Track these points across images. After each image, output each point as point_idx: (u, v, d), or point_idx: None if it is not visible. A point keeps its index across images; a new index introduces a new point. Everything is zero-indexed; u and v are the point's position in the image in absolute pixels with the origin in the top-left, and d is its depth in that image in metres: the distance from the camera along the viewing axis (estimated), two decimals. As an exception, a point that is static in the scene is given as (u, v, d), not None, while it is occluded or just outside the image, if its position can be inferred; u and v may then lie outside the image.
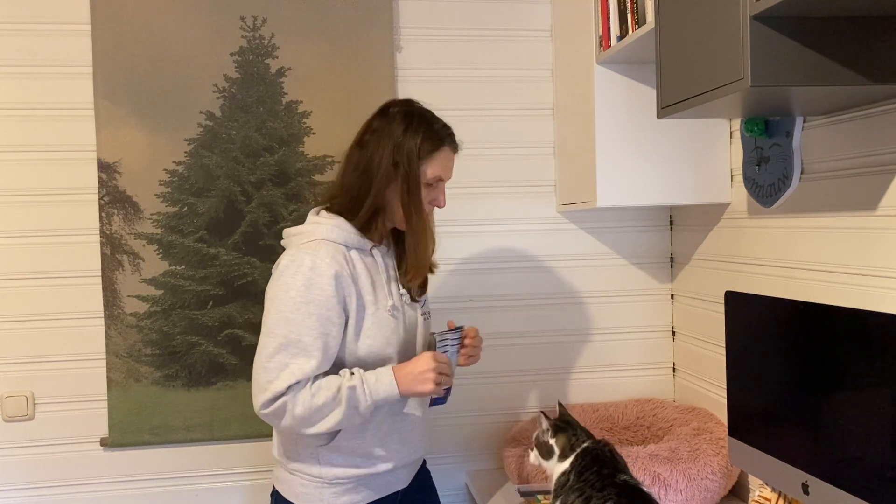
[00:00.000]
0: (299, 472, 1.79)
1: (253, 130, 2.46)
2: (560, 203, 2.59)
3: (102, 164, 2.39)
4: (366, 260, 1.76)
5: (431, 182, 1.77)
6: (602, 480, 1.66)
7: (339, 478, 1.77)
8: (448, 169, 1.80)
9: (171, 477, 2.46)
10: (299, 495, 1.79)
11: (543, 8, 2.60)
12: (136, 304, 2.41)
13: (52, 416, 2.40)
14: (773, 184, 1.96)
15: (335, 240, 1.72)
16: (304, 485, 1.78)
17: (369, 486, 1.81)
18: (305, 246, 1.70)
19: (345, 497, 1.78)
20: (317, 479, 1.77)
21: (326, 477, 1.77)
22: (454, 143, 1.81)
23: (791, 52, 1.36)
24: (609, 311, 2.66)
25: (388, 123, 1.76)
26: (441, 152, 1.77)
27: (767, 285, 2.05)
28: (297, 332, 1.64)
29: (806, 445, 1.59)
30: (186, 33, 2.41)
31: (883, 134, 1.62)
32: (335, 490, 1.78)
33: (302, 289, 1.65)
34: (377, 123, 1.78)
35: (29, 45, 2.36)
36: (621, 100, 2.23)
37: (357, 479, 1.79)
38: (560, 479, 1.75)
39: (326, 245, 1.70)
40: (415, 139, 1.73)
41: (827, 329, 1.52)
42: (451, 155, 1.80)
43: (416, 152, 1.73)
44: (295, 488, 1.80)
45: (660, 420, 2.43)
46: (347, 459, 1.77)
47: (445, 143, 1.78)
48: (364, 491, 1.80)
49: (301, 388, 1.64)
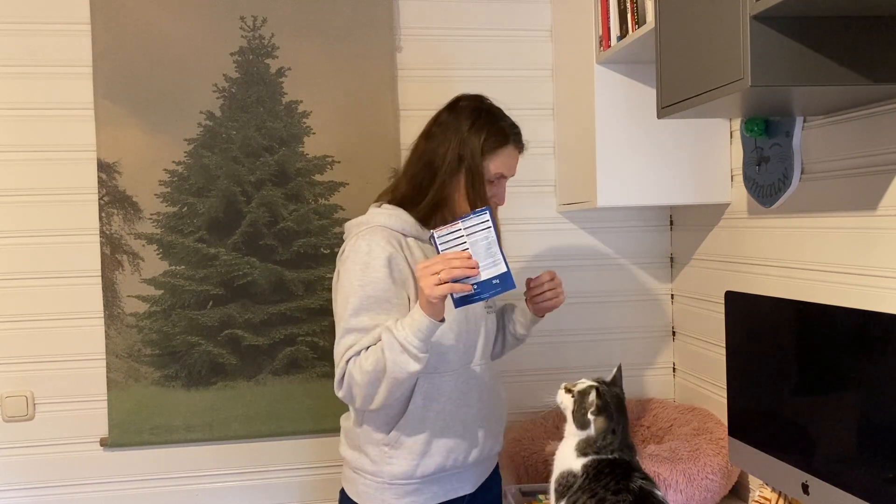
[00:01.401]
0: (361, 472, 1.77)
1: (253, 130, 2.46)
2: (560, 203, 2.59)
3: (102, 164, 2.39)
4: (424, 248, 1.76)
5: (493, 179, 1.76)
6: (617, 483, 1.57)
7: (399, 478, 1.73)
8: (511, 167, 1.79)
9: (171, 477, 2.46)
10: (361, 494, 1.77)
11: (543, 8, 2.60)
12: (136, 304, 2.41)
13: (52, 416, 2.40)
14: (773, 184, 1.96)
15: (392, 226, 1.72)
16: (365, 484, 1.76)
17: (431, 489, 1.76)
18: (363, 232, 1.72)
19: (406, 499, 1.74)
20: (377, 479, 1.74)
21: (387, 476, 1.73)
22: (520, 141, 1.80)
23: (791, 52, 1.36)
24: (609, 311, 2.66)
25: (456, 117, 1.76)
26: (505, 150, 1.76)
27: (767, 285, 2.05)
28: (357, 314, 1.65)
29: (806, 445, 1.59)
30: (186, 33, 2.41)
31: (883, 134, 1.62)
32: (396, 492, 1.74)
33: (360, 273, 1.67)
34: (445, 117, 1.78)
35: (29, 45, 2.36)
36: (621, 100, 2.23)
37: (418, 481, 1.74)
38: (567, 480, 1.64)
39: (382, 230, 1.71)
40: (480, 135, 1.73)
41: (827, 329, 1.52)
42: (515, 153, 1.79)
43: (480, 148, 1.73)
44: (357, 487, 1.78)
45: (660, 420, 2.43)
46: (408, 458, 1.72)
47: (510, 141, 1.77)
48: (426, 493, 1.75)
49: (356, 358, 1.64)
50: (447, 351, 1.73)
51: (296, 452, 2.51)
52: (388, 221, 1.73)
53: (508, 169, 1.78)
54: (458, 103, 1.80)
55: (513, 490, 2.13)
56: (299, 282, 2.47)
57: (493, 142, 1.74)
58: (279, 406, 2.47)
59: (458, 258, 1.53)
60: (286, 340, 2.48)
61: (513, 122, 1.80)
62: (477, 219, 1.57)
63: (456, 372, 1.76)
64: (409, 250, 1.73)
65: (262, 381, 2.47)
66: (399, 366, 1.57)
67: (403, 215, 1.75)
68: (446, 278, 1.52)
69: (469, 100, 1.81)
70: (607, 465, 1.60)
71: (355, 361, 1.63)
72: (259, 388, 2.46)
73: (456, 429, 1.76)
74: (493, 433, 1.84)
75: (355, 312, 1.66)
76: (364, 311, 1.65)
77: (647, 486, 1.56)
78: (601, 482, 1.58)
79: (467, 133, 1.73)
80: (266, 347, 2.47)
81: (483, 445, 1.81)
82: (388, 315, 1.65)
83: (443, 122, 1.78)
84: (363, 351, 1.63)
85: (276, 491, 2.51)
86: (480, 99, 1.81)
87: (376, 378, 1.60)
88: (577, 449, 1.63)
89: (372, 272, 1.66)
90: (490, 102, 1.81)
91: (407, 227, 1.74)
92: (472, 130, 1.73)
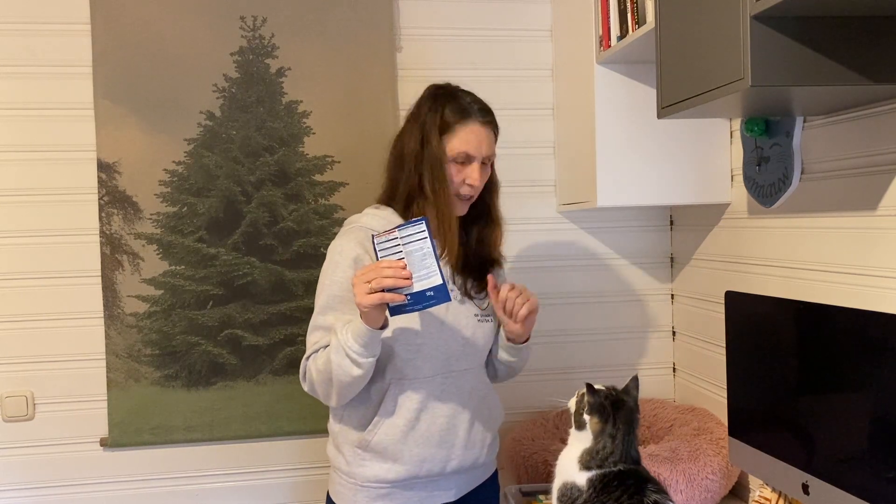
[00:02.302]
0: (339, 471, 1.76)
1: (253, 130, 2.46)
2: (560, 203, 2.59)
3: (102, 164, 2.39)
4: None
5: (459, 158, 1.67)
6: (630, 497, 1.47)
7: (371, 481, 1.71)
8: (478, 145, 1.67)
9: (171, 477, 2.46)
10: (337, 494, 1.76)
11: (543, 8, 2.60)
12: (136, 304, 2.41)
13: (52, 416, 2.40)
14: (773, 184, 1.96)
15: (372, 227, 1.72)
16: (341, 484, 1.76)
17: (404, 494, 1.72)
18: (344, 231, 1.76)
19: (378, 502, 1.71)
20: (350, 480, 1.73)
21: (359, 478, 1.72)
22: (486, 117, 1.70)
23: (791, 52, 1.36)
24: (609, 311, 2.66)
25: (418, 105, 1.75)
26: (465, 125, 1.67)
27: (767, 285, 2.05)
28: (323, 313, 1.69)
29: (806, 445, 1.59)
30: (186, 33, 2.41)
31: (883, 134, 1.62)
32: (368, 494, 1.71)
33: (330, 272, 1.70)
34: (412, 109, 1.76)
35: (29, 45, 2.36)
36: (621, 100, 2.23)
37: (391, 485, 1.71)
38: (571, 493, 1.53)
39: (359, 231, 1.72)
40: (436, 114, 1.67)
41: (827, 329, 1.52)
42: (479, 129, 1.68)
43: (438, 128, 1.66)
44: (335, 487, 1.78)
45: (660, 420, 2.43)
46: (379, 462, 1.70)
47: (471, 116, 1.68)
48: (399, 498, 1.72)
49: (315, 355, 1.67)
50: (415, 358, 1.68)
51: (296, 452, 2.51)
52: (369, 222, 1.74)
53: (473, 147, 1.67)
54: (423, 93, 1.76)
55: (513, 490, 2.13)
56: (299, 282, 2.47)
57: (450, 118, 1.67)
58: (279, 406, 2.47)
59: (391, 267, 1.49)
60: (286, 340, 2.48)
61: (476, 99, 1.72)
62: (413, 228, 1.53)
63: (429, 379, 1.70)
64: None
65: (261, 381, 2.47)
66: (343, 369, 1.58)
67: (386, 214, 1.75)
68: (377, 287, 1.48)
69: (432, 87, 1.76)
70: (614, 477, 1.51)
71: (314, 359, 1.66)
72: (259, 388, 2.46)
73: (430, 438, 1.70)
74: (477, 443, 1.76)
75: (322, 310, 1.69)
76: (330, 309, 1.68)
77: (662, 499, 1.47)
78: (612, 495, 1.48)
79: (425, 116, 1.69)
80: (266, 347, 2.47)
81: (464, 456, 1.74)
82: (352, 315, 1.62)
83: (409, 114, 1.77)
84: (321, 349, 1.65)
85: (276, 491, 2.51)
86: (444, 84, 1.76)
87: (327, 378, 1.62)
88: (581, 462, 1.54)
89: (339, 272, 1.68)
90: (454, 86, 1.75)
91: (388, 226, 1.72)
92: (429, 112, 1.69)
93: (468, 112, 1.69)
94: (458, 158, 1.68)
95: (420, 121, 1.70)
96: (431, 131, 1.67)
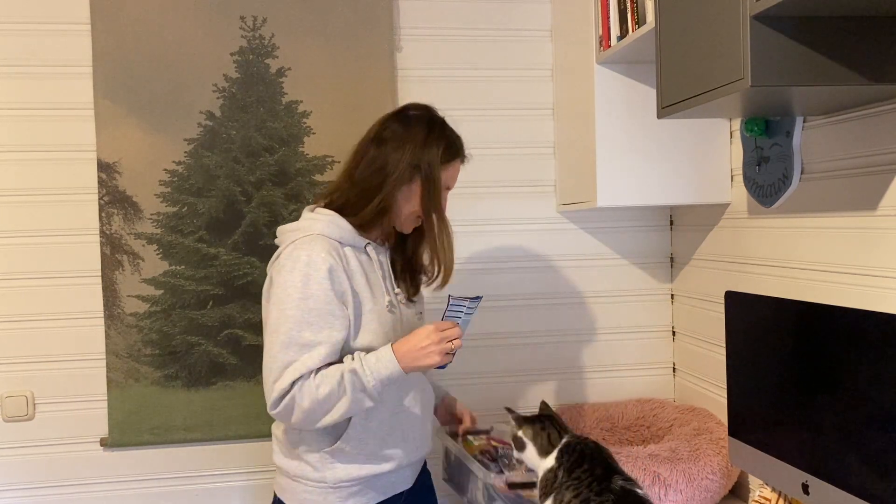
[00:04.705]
0: (302, 479, 1.77)
1: (253, 130, 2.46)
2: (560, 203, 2.59)
3: (102, 164, 2.39)
4: (360, 257, 1.76)
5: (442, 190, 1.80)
6: (599, 483, 1.61)
7: (343, 481, 1.75)
8: (455, 179, 1.85)
9: (171, 477, 2.46)
10: (304, 502, 1.78)
11: (543, 8, 2.60)
12: (136, 304, 2.41)
13: (52, 416, 2.40)
14: (773, 184, 1.96)
15: (330, 235, 1.72)
16: (308, 491, 1.77)
17: (374, 488, 1.79)
18: (301, 241, 1.69)
19: (350, 500, 1.77)
20: (321, 485, 1.75)
21: (330, 481, 1.75)
22: (464, 155, 1.85)
23: (791, 52, 1.36)
24: (609, 311, 2.66)
25: (409, 127, 1.77)
26: (456, 162, 1.81)
27: (767, 285, 2.05)
28: (299, 328, 1.64)
29: (806, 445, 1.59)
30: (186, 33, 2.41)
31: (883, 134, 1.62)
32: (340, 494, 1.76)
33: (300, 285, 1.64)
34: (397, 125, 1.78)
35: (29, 45, 2.36)
36: (621, 100, 2.23)
37: (362, 482, 1.77)
38: (547, 477, 1.69)
39: (321, 240, 1.69)
40: (439, 145, 1.76)
41: (827, 329, 1.52)
42: (459, 166, 1.84)
43: (440, 158, 1.75)
44: (299, 495, 1.78)
45: (660, 420, 2.43)
46: (351, 462, 1.75)
47: (460, 155, 1.82)
48: (369, 493, 1.79)
49: (305, 381, 1.63)
50: None
51: (296, 452, 2.51)
52: (326, 230, 1.72)
53: (453, 181, 1.83)
54: (409, 112, 1.81)
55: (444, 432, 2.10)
56: (299, 282, 2.47)
57: (448, 153, 1.78)
58: (279, 406, 2.47)
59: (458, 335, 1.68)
60: (286, 340, 2.47)
61: (458, 136, 1.83)
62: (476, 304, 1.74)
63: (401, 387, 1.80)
64: (346, 260, 1.72)
65: (261, 381, 2.46)
66: (357, 404, 1.66)
67: (341, 222, 1.74)
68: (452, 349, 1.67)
69: (420, 109, 1.82)
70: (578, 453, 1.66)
71: (303, 385, 1.62)
72: (259, 388, 2.46)
73: (396, 435, 1.79)
74: (428, 433, 1.91)
75: (297, 327, 1.63)
76: (306, 325, 1.63)
77: (629, 486, 1.61)
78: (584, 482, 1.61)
79: (424, 142, 1.75)
80: (266, 347, 2.47)
81: (421, 446, 1.87)
82: (331, 329, 1.64)
83: (395, 129, 1.77)
84: (312, 375, 1.63)
85: (276, 491, 2.51)
86: (432, 110, 1.83)
87: (329, 406, 1.64)
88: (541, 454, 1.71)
89: (314, 285, 1.64)
90: (439, 114, 1.83)
91: (345, 235, 1.73)
92: (430, 140, 1.75)
93: (459, 150, 1.82)
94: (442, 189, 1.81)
95: (415, 145, 1.74)
96: (433, 159, 1.75)
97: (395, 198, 1.75)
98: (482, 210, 2.59)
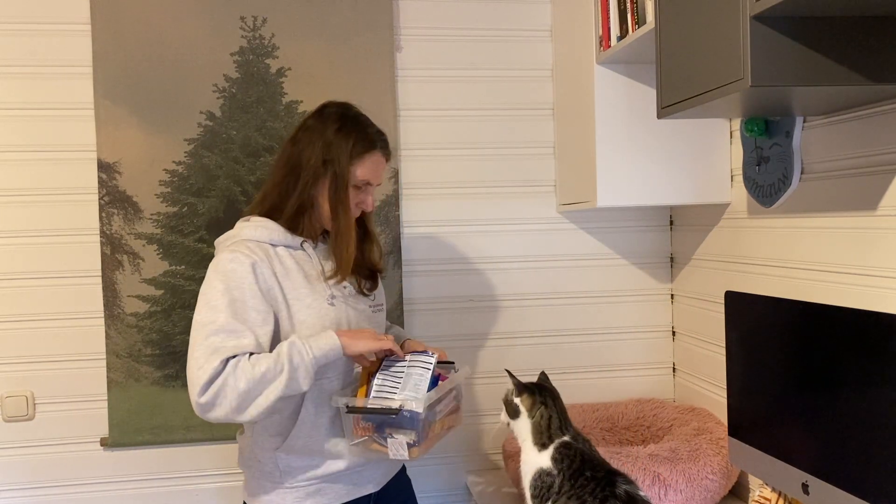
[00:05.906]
0: (261, 480, 1.78)
1: (253, 130, 2.46)
2: (560, 203, 2.59)
3: (102, 164, 2.39)
4: (296, 255, 1.76)
5: (360, 185, 1.78)
6: (602, 489, 1.59)
7: (300, 480, 1.75)
8: (378, 174, 1.81)
9: (171, 477, 2.46)
10: (265, 503, 1.78)
11: (543, 8, 2.60)
12: (136, 304, 2.41)
13: (52, 416, 2.40)
14: (773, 184, 1.96)
15: (259, 239, 1.73)
16: (265, 490, 1.77)
17: (333, 488, 1.77)
18: (229, 247, 1.72)
19: (308, 501, 1.76)
20: (278, 485, 1.76)
21: (287, 482, 1.75)
22: (387, 148, 1.82)
23: (791, 52, 1.36)
24: (609, 311, 2.66)
25: (323, 122, 1.78)
26: (372, 155, 1.78)
27: (767, 285, 2.05)
28: (224, 317, 1.62)
29: (806, 445, 1.59)
30: (186, 33, 2.41)
31: (883, 134, 1.62)
32: (297, 494, 1.75)
33: (223, 278, 1.66)
34: (311, 122, 1.79)
35: (29, 45, 2.36)
36: (621, 100, 2.23)
37: (318, 480, 1.76)
38: (544, 480, 1.65)
39: (247, 243, 1.72)
40: (348, 139, 1.75)
41: (827, 329, 1.52)
42: (381, 160, 1.81)
43: (348, 152, 1.74)
44: (260, 497, 1.78)
45: (660, 420, 2.43)
46: (304, 460, 1.74)
47: (377, 147, 1.79)
48: (329, 493, 1.77)
49: (240, 361, 1.58)
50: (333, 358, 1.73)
51: (296, 452, 2.51)
52: (254, 234, 1.74)
53: (375, 175, 1.80)
54: (325, 109, 1.82)
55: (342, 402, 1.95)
56: (299, 282, 2.47)
57: (360, 147, 1.76)
58: (279, 406, 2.47)
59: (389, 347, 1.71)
60: (286, 340, 2.47)
61: (379, 130, 1.83)
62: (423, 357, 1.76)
63: (344, 374, 1.78)
64: (279, 260, 1.73)
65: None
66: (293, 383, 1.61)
67: (271, 225, 1.75)
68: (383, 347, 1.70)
69: (336, 106, 1.82)
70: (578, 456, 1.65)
71: (237, 365, 1.58)
72: (259, 388, 2.46)
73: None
74: None
75: (224, 316, 1.62)
76: (232, 314, 1.63)
77: (632, 490, 1.61)
78: (587, 489, 1.60)
79: (333, 137, 1.75)
80: (266, 347, 2.47)
81: None
82: (256, 320, 1.64)
83: (309, 126, 1.78)
84: (243, 358, 1.59)
85: (276, 491, 2.51)
86: (347, 106, 1.83)
87: (264, 386, 1.58)
88: (536, 443, 1.70)
89: (236, 277, 1.66)
90: (357, 110, 1.83)
91: (275, 236, 1.75)
92: (339, 135, 1.75)
93: (375, 143, 1.79)
94: (359, 184, 1.78)
95: (325, 139, 1.75)
96: (341, 154, 1.74)
97: (312, 194, 1.76)
98: (482, 210, 2.59)
